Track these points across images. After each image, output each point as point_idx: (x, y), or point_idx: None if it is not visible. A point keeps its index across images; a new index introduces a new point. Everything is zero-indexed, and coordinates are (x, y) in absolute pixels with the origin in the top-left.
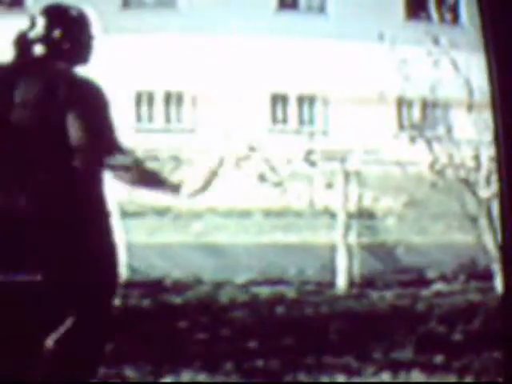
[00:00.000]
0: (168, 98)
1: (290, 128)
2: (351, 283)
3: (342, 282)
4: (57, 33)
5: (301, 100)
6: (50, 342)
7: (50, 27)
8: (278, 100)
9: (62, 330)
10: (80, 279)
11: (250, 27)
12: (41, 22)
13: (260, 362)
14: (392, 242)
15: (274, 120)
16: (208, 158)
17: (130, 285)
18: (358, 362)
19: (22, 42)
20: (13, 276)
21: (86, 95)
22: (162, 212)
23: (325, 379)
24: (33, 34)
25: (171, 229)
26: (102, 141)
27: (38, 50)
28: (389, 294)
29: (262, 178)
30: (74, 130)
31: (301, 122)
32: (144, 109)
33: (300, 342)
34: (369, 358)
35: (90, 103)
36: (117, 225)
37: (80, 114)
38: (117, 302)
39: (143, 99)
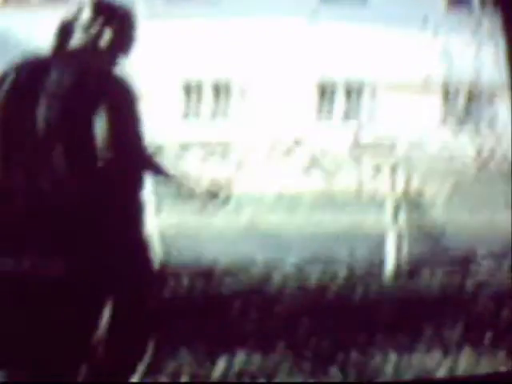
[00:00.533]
0: (216, 88)
1: (337, 114)
2: (400, 266)
3: (391, 264)
4: (100, 26)
5: (348, 88)
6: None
7: (93, 19)
8: (326, 88)
9: (104, 322)
10: (113, 268)
11: (296, 17)
12: (85, 14)
13: (313, 341)
14: (439, 225)
15: (322, 108)
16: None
17: (183, 268)
18: (409, 341)
19: (64, 32)
20: (41, 266)
21: (117, 93)
22: (213, 196)
23: (377, 357)
24: (76, 24)
25: (222, 213)
26: (126, 144)
27: (79, 40)
28: (438, 276)
29: (311, 164)
30: (100, 127)
31: (348, 109)
32: (192, 99)
33: (352, 322)
34: (420, 337)
35: (120, 102)
36: (151, 213)
37: (108, 111)
38: (170, 285)
39: (192, 90)
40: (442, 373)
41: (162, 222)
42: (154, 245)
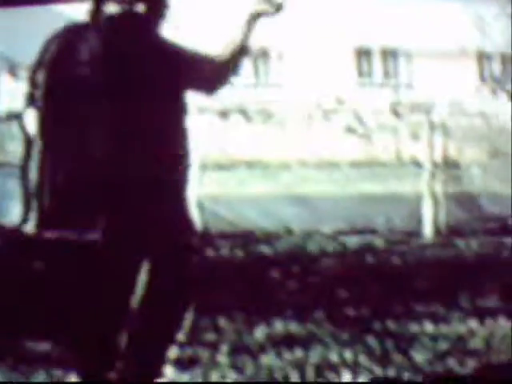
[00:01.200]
0: (256, 53)
1: (375, 81)
2: (437, 232)
3: (428, 230)
4: None
5: (384, 54)
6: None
7: None
8: (363, 54)
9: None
10: (154, 233)
11: None
12: None
13: (350, 311)
14: (476, 191)
15: (360, 73)
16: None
17: (222, 235)
18: (445, 310)
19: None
20: (86, 233)
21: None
22: (252, 164)
23: (413, 326)
24: None
25: (261, 180)
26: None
27: (115, 7)
28: (474, 243)
29: (349, 129)
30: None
31: (386, 75)
32: None
33: (388, 291)
34: (456, 306)
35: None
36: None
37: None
38: (210, 252)
39: None
40: (477, 342)
41: (202, 190)
42: (195, 212)
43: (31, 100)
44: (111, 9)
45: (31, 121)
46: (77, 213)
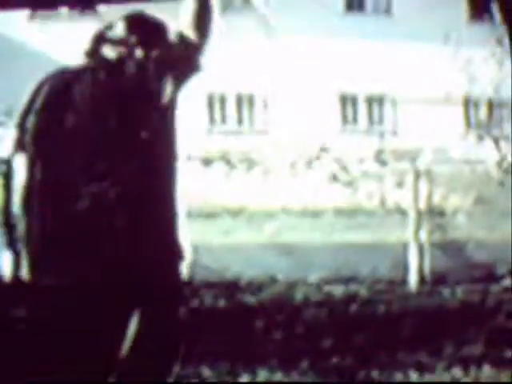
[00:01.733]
0: (240, 100)
1: (360, 128)
2: (423, 280)
3: (413, 279)
4: (133, 39)
5: (370, 100)
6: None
7: (128, 32)
8: (348, 101)
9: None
10: (146, 278)
11: (318, 29)
12: (120, 26)
13: (334, 360)
14: (462, 239)
15: (345, 120)
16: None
17: (206, 285)
18: (429, 358)
19: (99, 42)
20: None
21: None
22: (235, 213)
23: (398, 376)
24: (110, 36)
25: (245, 229)
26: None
27: (112, 52)
28: (459, 291)
29: (333, 177)
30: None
31: (370, 122)
32: (216, 111)
33: (373, 340)
34: (440, 354)
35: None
36: (184, 225)
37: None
38: (193, 302)
39: (215, 101)
40: None
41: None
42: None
43: (20, 146)
44: (109, 52)
45: (21, 166)
46: (67, 258)
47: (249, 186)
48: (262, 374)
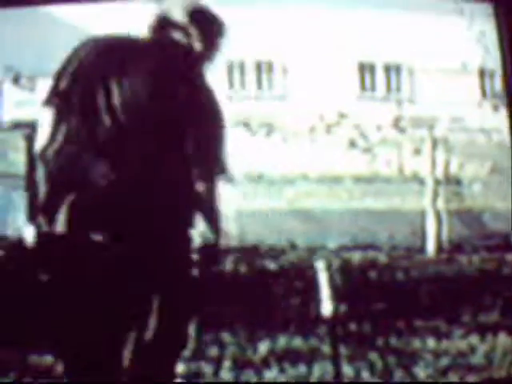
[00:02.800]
0: (259, 66)
1: (378, 95)
2: (440, 248)
3: (431, 246)
4: (192, 29)
5: (387, 69)
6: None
7: (188, 23)
8: (366, 68)
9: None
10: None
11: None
12: (179, 15)
13: (353, 326)
14: (478, 207)
15: (363, 87)
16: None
17: (227, 250)
18: (447, 325)
19: (159, 25)
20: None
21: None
22: (255, 178)
23: (415, 342)
24: (170, 22)
25: (265, 195)
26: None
27: (172, 36)
28: (476, 259)
29: (352, 144)
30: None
31: (388, 89)
32: (236, 77)
33: (391, 306)
34: (457, 321)
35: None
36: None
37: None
38: (214, 268)
39: (235, 68)
40: (478, 358)
41: None
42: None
43: (49, 101)
44: (173, 33)
45: (46, 121)
46: (88, 227)
47: (268, 151)
48: (282, 340)
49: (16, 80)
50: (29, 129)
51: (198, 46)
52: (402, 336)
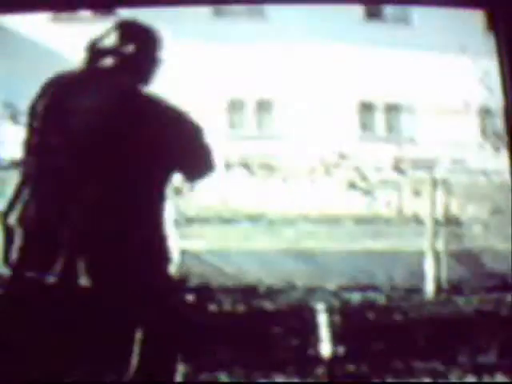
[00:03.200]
0: (259, 105)
1: (378, 135)
2: (439, 289)
3: (430, 288)
4: (129, 48)
5: (388, 109)
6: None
7: (122, 42)
8: (366, 108)
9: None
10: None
11: (338, 37)
12: (114, 36)
13: (351, 367)
14: (478, 248)
15: (363, 127)
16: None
17: (224, 290)
18: (444, 366)
19: (93, 51)
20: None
21: (156, 113)
22: (255, 218)
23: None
24: (105, 45)
25: (264, 235)
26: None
27: (108, 61)
28: (474, 300)
29: (351, 185)
30: (144, 145)
31: (389, 129)
32: (236, 116)
33: (389, 347)
34: (454, 362)
35: (163, 123)
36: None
37: (151, 131)
38: (211, 307)
39: (235, 107)
40: None
41: (205, 244)
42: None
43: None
44: (101, 62)
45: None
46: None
47: (268, 191)
48: (279, 380)
49: (14, 117)
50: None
51: (134, 62)
52: (399, 376)
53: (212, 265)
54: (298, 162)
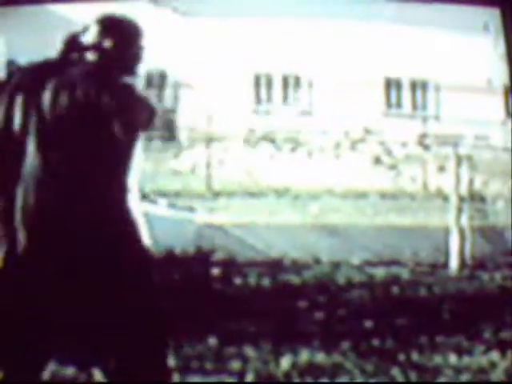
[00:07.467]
0: (286, 80)
1: (404, 112)
2: (463, 265)
3: (454, 263)
4: (108, 42)
5: (414, 85)
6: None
7: (102, 36)
8: (392, 84)
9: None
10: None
11: (365, 14)
12: (94, 30)
13: (375, 342)
14: (501, 224)
15: (389, 104)
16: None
17: (250, 264)
18: (468, 342)
19: (73, 46)
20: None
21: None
22: (281, 193)
23: (437, 358)
24: (85, 40)
25: (290, 209)
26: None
27: (88, 56)
28: (498, 276)
29: (377, 160)
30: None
31: (414, 106)
32: (263, 91)
33: (413, 322)
34: (478, 338)
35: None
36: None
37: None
38: (237, 280)
39: (262, 82)
40: (498, 374)
41: (231, 218)
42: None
43: None
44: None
45: None
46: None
47: (293, 166)
48: (304, 355)
49: None
50: None
51: (113, 56)
52: (423, 352)
53: (238, 238)
54: (324, 137)
